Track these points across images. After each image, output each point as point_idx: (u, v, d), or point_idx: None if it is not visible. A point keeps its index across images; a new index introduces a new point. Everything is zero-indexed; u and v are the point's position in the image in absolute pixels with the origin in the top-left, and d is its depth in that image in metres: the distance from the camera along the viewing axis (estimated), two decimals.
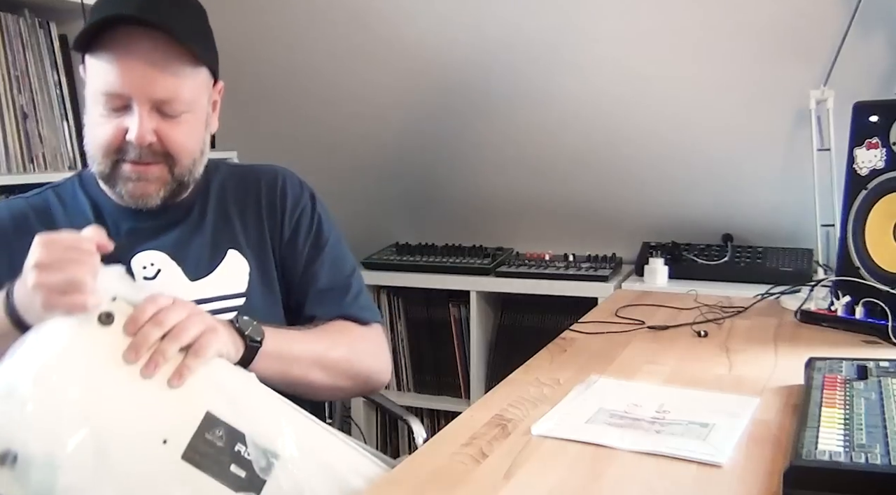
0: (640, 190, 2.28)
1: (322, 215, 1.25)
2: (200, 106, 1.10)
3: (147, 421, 0.83)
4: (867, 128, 1.51)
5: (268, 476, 0.85)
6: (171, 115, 1.05)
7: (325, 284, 1.21)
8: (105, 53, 1.03)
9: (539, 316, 2.37)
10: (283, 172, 1.26)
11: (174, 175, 1.09)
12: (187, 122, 1.08)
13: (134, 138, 1.03)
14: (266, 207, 1.21)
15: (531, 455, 0.95)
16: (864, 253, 1.51)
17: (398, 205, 2.59)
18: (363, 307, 1.24)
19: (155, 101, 1.03)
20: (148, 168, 1.07)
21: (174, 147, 1.07)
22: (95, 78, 1.05)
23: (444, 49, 2.17)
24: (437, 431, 1.08)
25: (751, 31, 1.90)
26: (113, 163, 1.06)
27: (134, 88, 1.02)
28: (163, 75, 1.03)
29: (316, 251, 1.22)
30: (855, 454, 0.81)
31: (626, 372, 1.27)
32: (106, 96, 1.03)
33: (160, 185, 1.08)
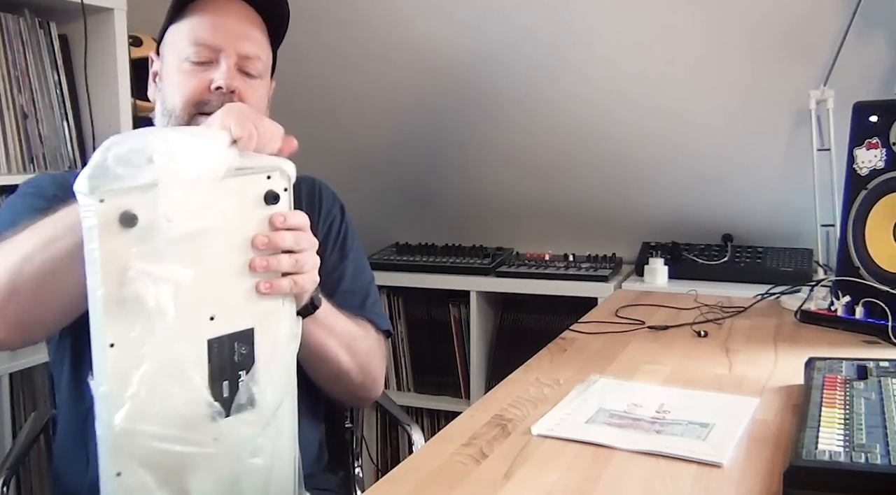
0: (640, 190, 2.28)
1: (349, 227, 1.30)
2: (267, 81, 1.18)
3: (222, 289, 0.87)
4: (867, 128, 1.51)
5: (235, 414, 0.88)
6: (251, 74, 1.12)
7: (348, 286, 1.25)
8: (199, 12, 1.12)
9: (539, 316, 2.37)
10: (320, 182, 1.32)
11: None
12: (260, 88, 1.14)
13: (223, 82, 1.08)
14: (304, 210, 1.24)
15: (531, 455, 0.95)
16: (864, 253, 1.51)
17: (398, 205, 2.59)
18: (379, 315, 1.28)
19: (241, 55, 1.11)
20: None
21: (250, 102, 1.10)
22: (184, 35, 1.11)
23: (444, 50, 2.17)
24: (437, 431, 1.08)
25: (750, 31, 1.90)
26: (191, 116, 1.10)
27: (226, 39, 1.10)
28: (250, 34, 1.13)
29: (341, 256, 1.26)
30: (855, 454, 0.81)
31: (626, 372, 1.27)
32: (196, 47, 1.09)
33: None
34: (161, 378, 0.83)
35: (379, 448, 2.55)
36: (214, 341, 0.86)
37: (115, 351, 0.80)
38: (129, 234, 0.79)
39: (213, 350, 0.86)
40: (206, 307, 0.86)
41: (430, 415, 2.51)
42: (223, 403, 0.87)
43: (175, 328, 0.82)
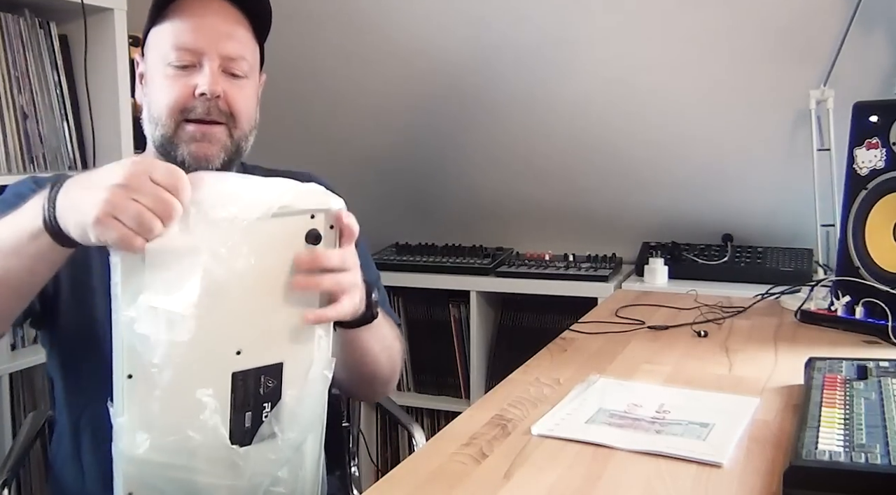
0: (640, 190, 2.28)
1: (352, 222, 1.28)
2: (255, 79, 1.15)
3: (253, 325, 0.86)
4: (867, 128, 1.51)
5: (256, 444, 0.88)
6: (237, 74, 1.10)
7: None
8: (179, 14, 1.08)
9: (539, 316, 2.37)
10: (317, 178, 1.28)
11: (234, 138, 1.11)
12: (247, 88, 1.12)
13: (207, 88, 1.06)
14: None
15: (531, 455, 0.95)
16: (864, 253, 1.51)
17: (398, 206, 2.59)
18: (391, 311, 1.26)
19: (224, 57, 1.08)
20: (211, 128, 1.09)
21: (237, 107, 1.10)
22: (166, 39, 1.08)
23: (444, 51, 2.17)
24: (437, 431, 1.08)
25: (750, 31, 1.90)
26: (177, 124, 1.08)
27: (208, 43, 1.07)
28: (233, 35, 1.09)
29: None
30: (855, 454, 0.81)
31: (626, 372, 1.27)
32: (178, 52, 1.07)
33: (221, 148, 1.10)
34: (179, 410, 0.83)
35: (379, 448, 2.55)
36: (239, 374, 0.86)
37: (133, 382, 0.81)
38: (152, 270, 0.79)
39: (238, 382, 0.86)
40: (233, 342, 0.85)
41: (430, 415, 2.51)
42: (245, 434, 0.87)
43: (196, 361, 0.83)
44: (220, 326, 0.84)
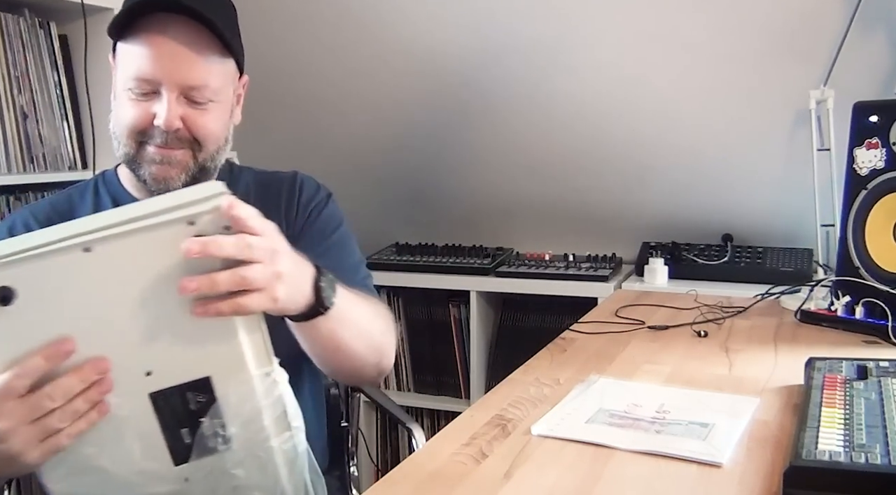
0: (640, 190, 2.28)
1: (334, 213, 1.25)
2: (226, 96, 1.12)
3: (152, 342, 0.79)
4: (867, 128, 1.51)
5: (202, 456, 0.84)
6: (198, 102, 1.07)
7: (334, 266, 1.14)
8: (137, 39, 1.04)
9: (539, 316, 2.37)
10: (302, 175, 1.27)
11: (198, 160, 1.09)
12: (213, 110, 1.09)
13: (162, 123, 1.04)
14: (284, 209, 1.22)
15: (531, 455, 0.95)
16: (864, 253, 1.51)
17: (398, 205, 2.59)
18: (372, 290, 1.20)
19: (184, 87, 1.05)
20: (172, 151, 1.07)
21: (200, 133, 1.08)
22: (127, 63, 1.06)
23: (444, 51, 2.17)
24: (437, 431, 1.08)
25: (750, 31, 1.90)
26: (138, 144, 1.07)
27: (164, 74, 1.04)
28: (193, 62, 1.05)
29: (322, 238, 1.21)
30: (855, 454, 0.81)
31: (626, 372, 1.27)
32: (136, 81, 1.04)
33: (182, 169, 1.09)
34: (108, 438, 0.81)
35: (379, 448, 2.55)
36: (158, 394, 0.81)
37: None
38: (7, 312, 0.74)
39: (160, 403, 0.81)
40: (138, 363, 0.80)
41: (430, 415, 2.51)
42: (185, 449, 0.83)
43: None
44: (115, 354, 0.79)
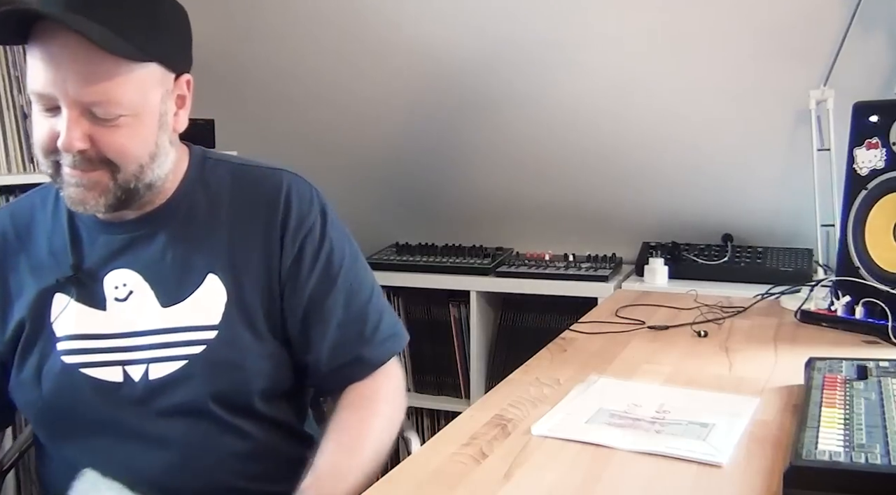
0: (640, 190, 2.28)
1: (334, 236, 1.10)
2: (148, 106, 0.97)
3: None
4: (867, 128, 1.51)
5: None
6: (105, 118, 0.93)
7: (342, 317, 1.09)
8: (33, 48, 0.92)
9: (539, 316, 2.37)
10: (290, 181, 1.10)
11: (117, 181, 0.97)
12: (128, 126, 0.95)
13: (62, 144, 0.93)
14: (263, 224, 1.07)
15: (531, 455, 0.95)
16: (864, 253, 1.51)
17: (398, 205, 2.59)
18: (381, 341, 1.12)
19: (84, 104, 0.92)
20: (86, 173, 0.96)
21: (112, 153, 0.95)
22: (28, 73, 0.94)
23: (444, 50, 2.17)
24: (437, 431, 1.08)
25: (750, 31, 1.90)
26: (53, 164, 0.97)
27: (59, 91, 0.91)
28: (91, 76, 0.91)
29: (327, 281, 1.08)
30: (855, 454, 0.81)
31: (626, 372, 1.27)
32: (35, 96, 0.94)
33: (101, 192, 0.97)
34: None
35: None
36: None
37: None
38: None
39: None
40: None
41: (430, 415, 2.51)
42: None
43: None
44: None
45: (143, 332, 1.03)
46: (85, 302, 1.05)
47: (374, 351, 1.11)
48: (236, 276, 1.05)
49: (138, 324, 1.03)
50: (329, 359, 1.09)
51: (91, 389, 1.02)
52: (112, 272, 1.05)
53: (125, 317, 1.04)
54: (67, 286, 1.04)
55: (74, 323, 1.04)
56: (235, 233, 1.07)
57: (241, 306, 1.05)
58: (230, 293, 1.04)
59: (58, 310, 1.04)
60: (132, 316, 1.03)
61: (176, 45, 1.01)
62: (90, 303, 1.05)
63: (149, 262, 1.05)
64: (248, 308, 1.05)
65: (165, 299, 1.04)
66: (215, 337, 1.03)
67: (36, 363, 1.04)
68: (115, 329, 1.04)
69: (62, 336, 1.04)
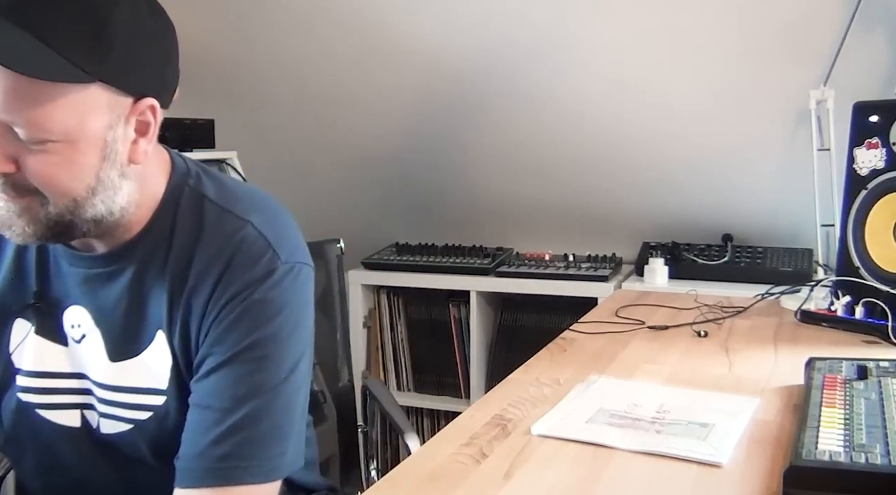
0: (640, 190, 2.28)
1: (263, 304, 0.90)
2: (88, 132, 0.81)
3: None
4: (867, 128, 1.51)
5: None
6: (30, 142, 0.79)
7: (205, 400, 0.89)
8: None
9: (539, 316, 2.37)
10: (246, 235, 0.92)
11: (49, 213, 0.84)
12: (58, 153, 0.80)
13: None
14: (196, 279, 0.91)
15: (531, 455, 0.95)
16: (864, 253, 1.51)
17: (398, 206, 2.59)
18: (250, 457, 0.86)
19: (3, 123, 0.79)
20: (13, 199, 0.83)
21: (38, 182, 0.82)
22: None
23: (444, 50, 2.17)
24: (437, 431, 1.08)
25: (751, 31, 1.90)
26: None
27: None
28: (11, 94, 0.77)
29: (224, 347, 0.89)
30: (855, 454, 0.81)
31: (626, 372, 1.27)
32: None
33: (28, 221, 0.84)
34: None
35: (379, 448, 2.55)
36: None
37: None
38: None
39: None
40: None
41: (430, 415, 2.51)
42: None
43: None
44: None
45: (95, 383, 0.96)
46: (45, 335, 0.97)
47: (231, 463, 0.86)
48: (173, 336, 0.92)
49: (92, 372, 0.96)
50: (184, 441, 0.90)
51: (48, 431, 0.98)
52: (71, 308, 0.96)
53: (81, 360, 0.97)
54: (28, 314, 0.97)
55: (34, 357, 0.97)
56: (178, 286, 0.92)
57: (185, 368, 0.93)
58: (175, 354, 0.93)
59: (17, 339, 0.97)
60: (86, 360, 0.96)
61: (135, 63, 0.83)
62: (51, 337, 0.97)
63: (103, 307, 0.94)
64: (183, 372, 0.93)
65: (114, 352, 0.94)
66: (163, 403, 0.93)
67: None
68: (74, 368, 0.97)
69: (21, 370, 0.97)
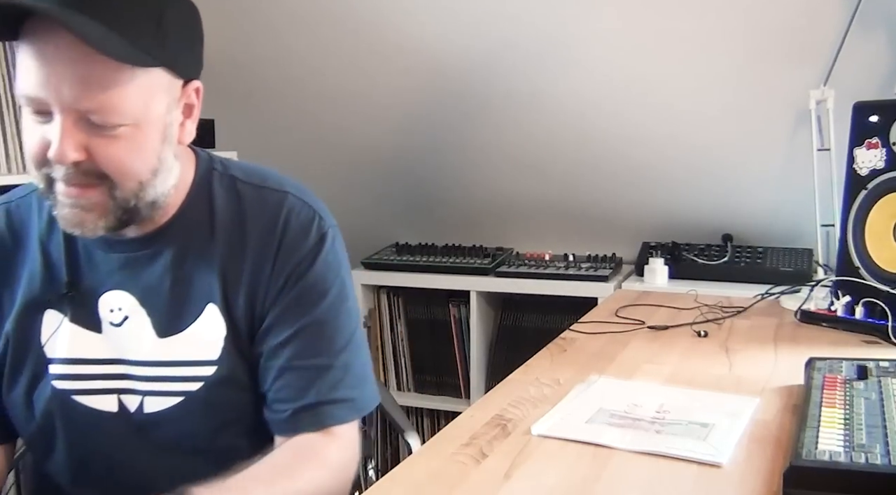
0: (640, 190, 2.28)
1: (325, 267, 0.99)
2: (152, 115, 0.88)
3: None
4: (867, 128, 1.51)
5: None
6: (102, 127, 0.84)
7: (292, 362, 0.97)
8: (24, 46, 0.83)
9: (539, 316, 2.37)
10: (291, 205, 1.00)
11: (116, 200, 0.88)
12: (128, 137, 0.86)
13: (53, 155, 0.84)
14: (254, 250, 0.98)
15: (531, 455, 0.95)
16: (864, 253, 1.51)
17: (398, 205, 2.59)
18: (339, 401, 0.97)
19: (81, 111, 0.83)
20: (83, 192, 0.87)
21: (110, 167, 0.86)
22: (19, 75, 0.85)
23: (444, 50, 2.17)
24: (437, 431, 1.08)
25: (751, 31, 1.90)
26: (46, 178, 0.88)
27: (52, 95, 0.82)
28: (88, 80, 0.82)
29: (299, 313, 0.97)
30: (855, 454, 0.81)
31: (626, 372, 1.27)
32: (26, 99, 0.85)
33: (100, 214, 0.89)
34: None
35: (379, 448, 2.55)
36: None
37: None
38: None
39: None
40: None
41: (430, 415, 2.51)
42: None
43: None
44: None
45: (139, 362, 0.97)
46: (79, 323, 0.98)
47: (323, 408, 0.97)
48: (230, 308, 0.97)
49: (133, 353, 0.97)
50: (275, 399, 0.97)
51: (84, 418, 0.97)
52: (108, 293, 0.98)
53: (120, 344, 0.97)
54: (61, 304, 0.98)
55: (68, 345, 0.98)
56: (228, 259, 0.98)
57: (237, 339, 0.98)
58: (228, 324, 0.97)
59: (50, 330, 0.98)
60: (127, 343, 0.97)
61: (185, 48, 0.91)
62: (85, 324, 0.98)
63: (147, 287, 0.97)
64: (243, 341, 0.98)
65: (162, 329, 0.97)
66: (214, 373, 0.96)
67: (26, 384, 0.98)
68: (110, 354, 0.98)
69: (54, 358, 0.98)
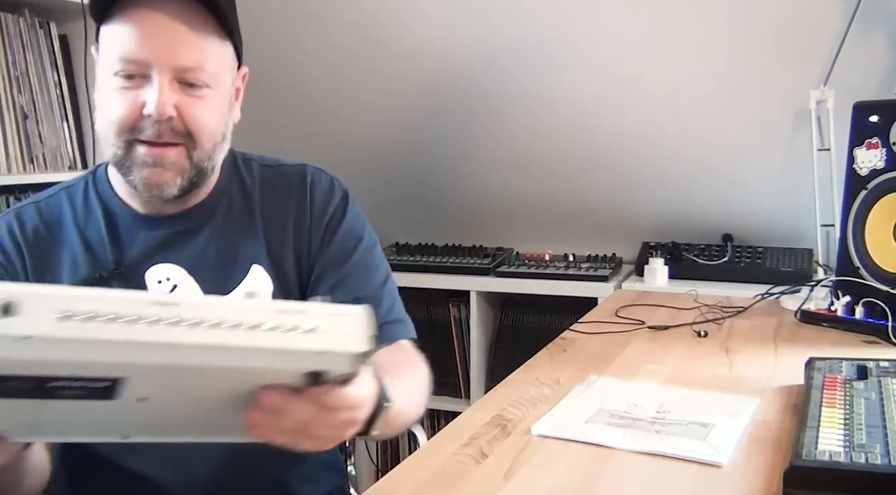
0: (640, 190, 2.28)
1: (354, 219, 1.15)
2: (224, 85, 1.02)
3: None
4: (867, 128, 1.51)
5: None
6: (194, 85, 0.96)
7: (357, 293, 1.08)
8: (125, 17, 0.93)
9: (539, 316, 2.37)
10: (313, 172, 1.15)
11: (193, 160, 0.99)
12: (210, 99, 0.98)
13: (154, 109, 0.92)
14: (293, 215, 1.11)
15: (531, 455, 0.95)
16: (864, 253, 1.51)
17: (398, 205, 2.58)
18: (402, 320, 1.15)
19: (177, 69, 0.94)
20: (165, 151, 0.96)
21: (195, 125, 0.97)
22: (112, 44, 0.94)
23: (444, 50, 2.17)
24: (437, 431, 1.08)
25: (750, 31, 1.90)
26: (127, 144, 0.96)
27: (155, 53, 0.93)
28: (188, 40, 0.94)
29: (343, 257, 1.11)
30: (855, 454, 0.81)
31: (626, 372, 1.27)
32: (123, 62, 0.93)
33: (178, 172, 0.98)
34: None
35: (379, 448, 2.55)
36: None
37: None
38: None
39: None
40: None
41: (430, 415, 2.51)
42: None
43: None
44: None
45: None
46: None
47: (388, 326, 1.11)
48: (277, 267, 1.08)
49: None
50: None
51: None
52: (155, 267, 1.04)
53: None
54: (110, 281, 1.03)
55: None
56: (270, 226, 1.09)
57: (285, 296, 1.06)
58: (275, 283, 1.07)
59: None
60: None
61: (241, 36, 1.05)
62: None
63: (192, 256, 1.05)
64: (291, 297, 1.07)
65: (211, 291, 1.04)
66: None
67: None
68: None
69: None
